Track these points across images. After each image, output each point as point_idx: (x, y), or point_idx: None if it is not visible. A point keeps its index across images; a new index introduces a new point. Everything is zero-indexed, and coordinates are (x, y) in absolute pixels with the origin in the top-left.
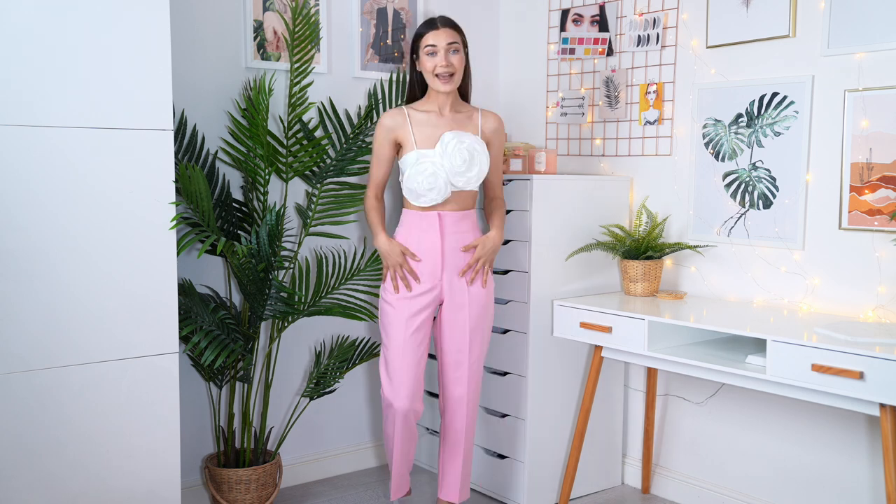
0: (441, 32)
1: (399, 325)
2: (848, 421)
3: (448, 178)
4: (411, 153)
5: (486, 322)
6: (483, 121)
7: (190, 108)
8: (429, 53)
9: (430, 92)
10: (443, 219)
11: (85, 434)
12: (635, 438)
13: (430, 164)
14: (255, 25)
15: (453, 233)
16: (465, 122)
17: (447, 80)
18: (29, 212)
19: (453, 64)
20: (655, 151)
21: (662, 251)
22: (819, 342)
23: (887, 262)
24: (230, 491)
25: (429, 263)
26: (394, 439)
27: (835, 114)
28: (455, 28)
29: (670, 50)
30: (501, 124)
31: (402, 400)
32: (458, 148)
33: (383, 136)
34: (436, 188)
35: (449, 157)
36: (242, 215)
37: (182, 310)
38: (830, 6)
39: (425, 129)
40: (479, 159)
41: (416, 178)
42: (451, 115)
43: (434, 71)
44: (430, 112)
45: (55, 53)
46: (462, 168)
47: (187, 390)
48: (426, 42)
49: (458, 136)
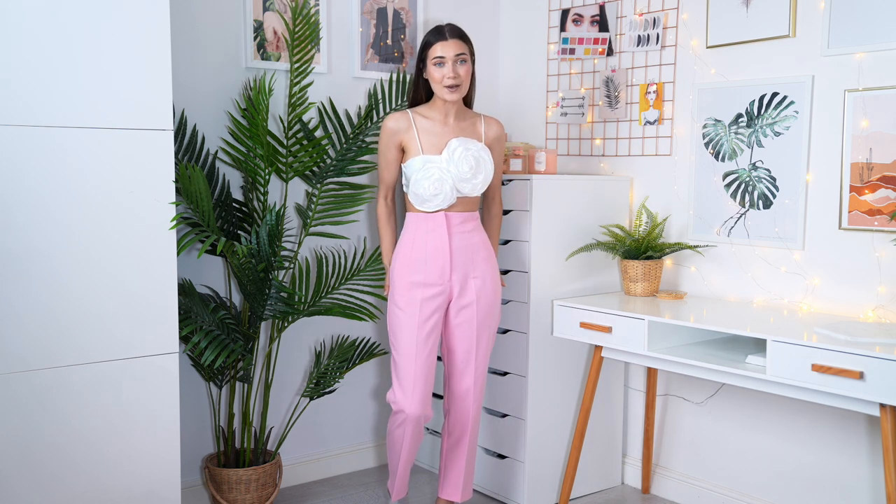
0: (450, 44)
1: (410, 330)
2: (848, 421)
3: (454, 185)
4: (417, 158)
5: (492, 320)
6: (486, 127)
7: (190, 108)
8: (436, 64)
9: (436, 99)
10: (449, 219)
11: (85, 434)
12: (635, 438)
13: (436, 169)
14: (255, 25)
15: (460, 232)
16: (470, 129)
17: (454, 91)
18: (29, 212)
19: (461, 75)
20: (655, 151)
21: (662, 251)
22: (819, 342)
23: (887, 262)
24: (230, 491)
25: (437, 264)
26: (402, 443)
27: (835, 114)
28: (463, 38)
29: (670, 50)
30: (503, 130)
31: (414, 406)
32: (464, 155)
33: (388, 139)
34: (441, 193)
35: (456, 164)
36: (242, 215)
37: (182, 310)
38: (830, 6)
39: (430, 136)
40: (485, 167)
41: (422, 184)
42: (456, 123)
43: (442, 82)
44: (435, 119)
45: (55, 53)
46: (468, 175)
47: (187, 390)
48: (434, 53)
49: (465, 143)
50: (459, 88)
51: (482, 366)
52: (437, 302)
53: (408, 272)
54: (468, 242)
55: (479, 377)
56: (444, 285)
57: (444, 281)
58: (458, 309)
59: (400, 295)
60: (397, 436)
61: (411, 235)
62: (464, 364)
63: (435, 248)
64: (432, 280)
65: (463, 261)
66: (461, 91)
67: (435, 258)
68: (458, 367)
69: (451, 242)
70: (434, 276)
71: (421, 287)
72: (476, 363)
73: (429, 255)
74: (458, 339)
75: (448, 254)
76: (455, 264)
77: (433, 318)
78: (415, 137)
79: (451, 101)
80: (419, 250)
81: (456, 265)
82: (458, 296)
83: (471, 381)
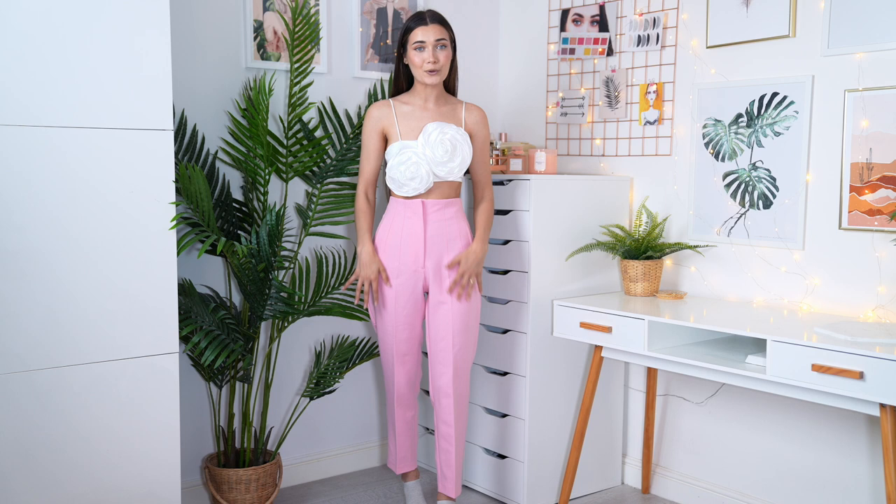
0: (430, 29)
1: (391, 316)
2: (848, 421)
3: (430, 168)
4: (395, 144)
5: (470, 314)
6: (467, 114)
7: (190, 108)
8: (416, 49)
9: (417, 85)
10: (426, 206)
11: (85, 434)
12: (635, 438)
13: (412, 153)
14: (255, 25)
15: (437, 220)
16: (450, 114)
17: (433, 74)
18: (29, 212)
19: (440, 60)
20: (655, 151)
21: (662, 251)
22: (819, 342)
23: (887, 262)
24: (230, 491)
25: (411, 250)
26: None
27: (835, 114)
28: (443, 24)
29: (670, 50)
30: (485, 117)
31: (400, 384)
32: (440, 139)
33: (371, 127)
34: (417, 177)
35: (431, 148)
36: (242, 215)
37: (182, 310)
38: (830, 6)
39: (410, 121)
40: (462, 150)
41: (398, 168)
42: (436, 108)
43: (422, 67)
44: (415, 105)
45: (55, 53)
46: (444, 158)
47: (187, 390)
48: (414, 38)
49: (441, 126)
50: (439, 73)
51: (462, 360)
52: (411, 287)
53: (383, 258)
54: (444, 230)
55: (459, 372)
56: (418, 271)
57: (417, 267)
58: (434, 302)
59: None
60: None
61: (389, 220)
62: (444, 357)
63: (409, 234)
64: (406, 266)
65: (437, 249)
66: (441, 75)
67: (409, 244)
68: (437, 360)
69: (427, 229)
70: (408, 261)
71: (395, 273)
72: (455, 358)
73: (403, 241)
74: (433, 329)
75: (423, 240)
76: (429, 251)
77: (410, 304)
78: (394, 123)
79: (430, 85)
80: (395, 235)
81: (430, 252)
82: (432, 286)
83: (450, 376)
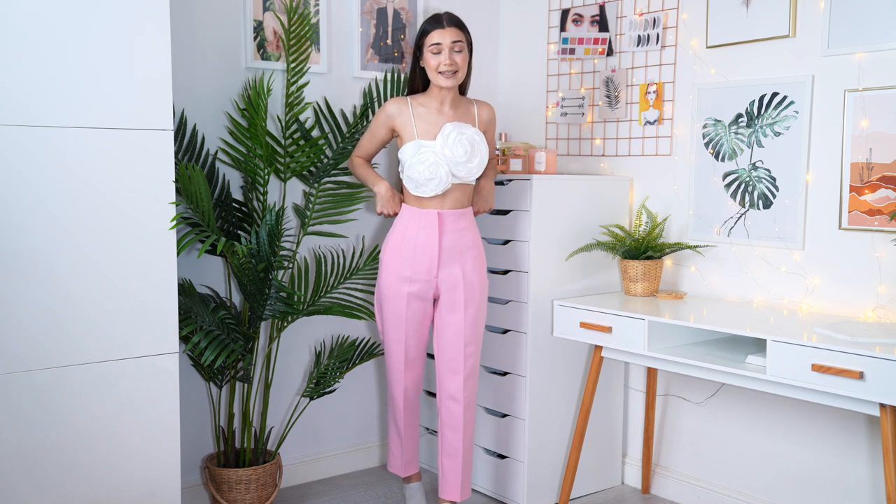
0: (447, 32)
1: (398, 324)
2: (848, 421)
3: (450, 169)
4: (411, 143)
5: (480, 321)
6: (479, 110)
7: (190, 108)
8: (434, 52)
9: (432, 87)
10: (442, 217)
11: (84, 434)
12: (635, 438)
13: (431, 153)
14: (255, 25)
15: (453, 231)
16: (464, 115)
17: (450, 77)
18: (29, 212)
19: (457, 62)
20: (655, 151)
21: (662, 251)
22: (819, 342)
23: (887, 262)
24: (230, 491)
25: (425, 259)
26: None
27: (835, 114)
28: (460, 27)
29: (670, 50)
30: (494, 113)
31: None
32: (458, 139)
33: (383, 120)
34: (437, 178)
35: (450, 148)
36: (242, 215)
37: (182, 310)
38: (830, 6)
39: (426, 122)
40: (480, 150)
41: (417, 168)
42: (452, 111)
43: (438, 69)
44: (431, 107)
45: (55, 53)
46: (463, 158)
47: (187, 390)
48: (431, 40)
49: (459, 127)
50: (456, 75)
51: (471, 365)
52: (422, 296)
53: (395, 266)
54: (458, 240)
55: (469, 377)
56: (430, 281)
57: (430, 277)
58: (446, 309)
59: (388, 286)
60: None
61: (403, 228)
62: (453, 364)
63: (424, 243)
64: (419, 276)
65: (451, 259)
66: (457, 78)
67: (424, 252)
68: (448, 367)
69: (442, 240)
70: (421, 271)
71: (407, 282)
72: (465, 363)
73: (417, 250)
74: (444, 338)
75: (437, 251)
76: (443, 262)
77: (420, 311)
78: (410, 122)
79: (446, 88)
80: (409, 243)
81: (444, 262)
82: (445, 295)
83: (461, 381)
